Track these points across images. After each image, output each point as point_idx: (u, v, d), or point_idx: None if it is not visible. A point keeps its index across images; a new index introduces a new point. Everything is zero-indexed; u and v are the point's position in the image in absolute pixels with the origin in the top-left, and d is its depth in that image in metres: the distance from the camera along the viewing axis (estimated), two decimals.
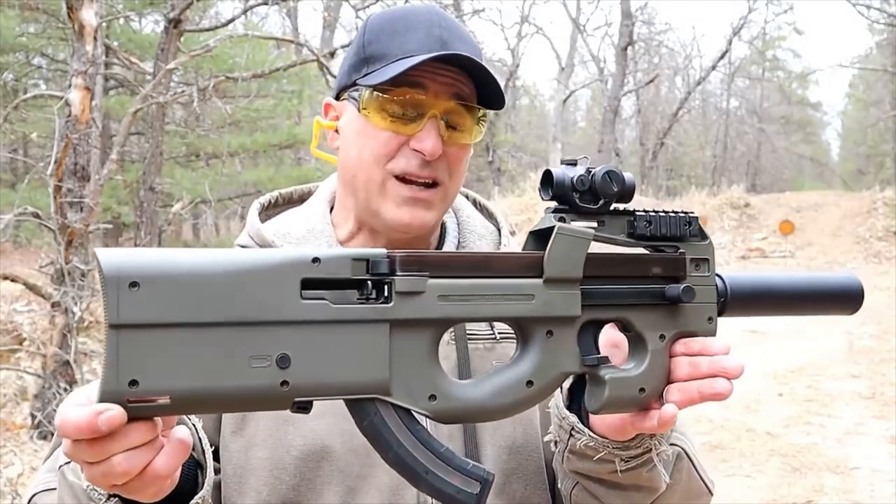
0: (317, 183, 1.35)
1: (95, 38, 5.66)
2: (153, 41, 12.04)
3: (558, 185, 0.83)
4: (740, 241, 19.38)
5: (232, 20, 10.83)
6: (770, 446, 6.02)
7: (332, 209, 1.27)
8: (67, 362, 5.41)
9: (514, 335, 0.88)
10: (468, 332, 1.17)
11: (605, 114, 28.57)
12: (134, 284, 0.67)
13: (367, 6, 10.41)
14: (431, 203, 1.15)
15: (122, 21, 13.60)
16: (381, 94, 1.12)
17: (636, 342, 0.90)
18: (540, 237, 0.85)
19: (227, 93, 11.90)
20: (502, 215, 1.36)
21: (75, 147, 5.49)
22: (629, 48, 28.82)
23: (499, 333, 1.19)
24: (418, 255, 0.77)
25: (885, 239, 18.11)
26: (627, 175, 0.86)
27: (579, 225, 0.84)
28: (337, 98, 1.23)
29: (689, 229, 0.88)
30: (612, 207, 0.87)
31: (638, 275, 0.87)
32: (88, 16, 5.55)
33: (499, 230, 1.32)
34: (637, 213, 0.87)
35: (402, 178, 1.13)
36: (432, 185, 1.14)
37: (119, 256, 0.68)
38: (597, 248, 0.85)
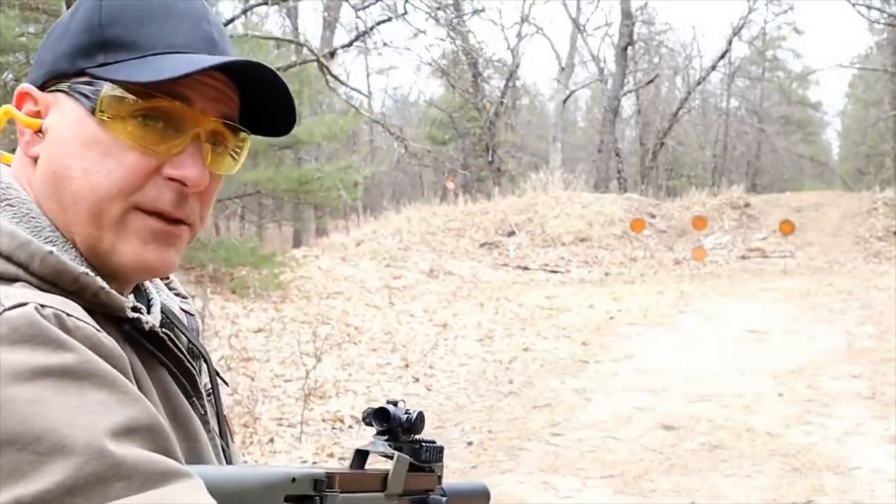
0: None
1: None
2: None
3: (393, 421, 1.07)
4: (740, 241, 19.35)
5: (232, 20, 10.83)
6: (770, 446, 6.01)
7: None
8: None
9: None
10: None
11: (605, 114, 28.60)
12: None
13: (367, 6, 10.41)
14: (181, 242, 0.89)
15: None
16: (135, 98, 0.83)
17: None
18: (363, 454, 1.06)
19: None
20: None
21: None
22: (629, 48, 28.85)
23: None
24: (341, 473, 0.94)
25: (885, 239, 18.11)
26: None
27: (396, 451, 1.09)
28: (42, 87, 0.88)
29: (440, 455, 1.15)
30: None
31: (427, 488, 1.13)
32: None
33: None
34: (424, 445, 1.12)
35: (149, 212, 0.85)
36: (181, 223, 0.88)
37: None
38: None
